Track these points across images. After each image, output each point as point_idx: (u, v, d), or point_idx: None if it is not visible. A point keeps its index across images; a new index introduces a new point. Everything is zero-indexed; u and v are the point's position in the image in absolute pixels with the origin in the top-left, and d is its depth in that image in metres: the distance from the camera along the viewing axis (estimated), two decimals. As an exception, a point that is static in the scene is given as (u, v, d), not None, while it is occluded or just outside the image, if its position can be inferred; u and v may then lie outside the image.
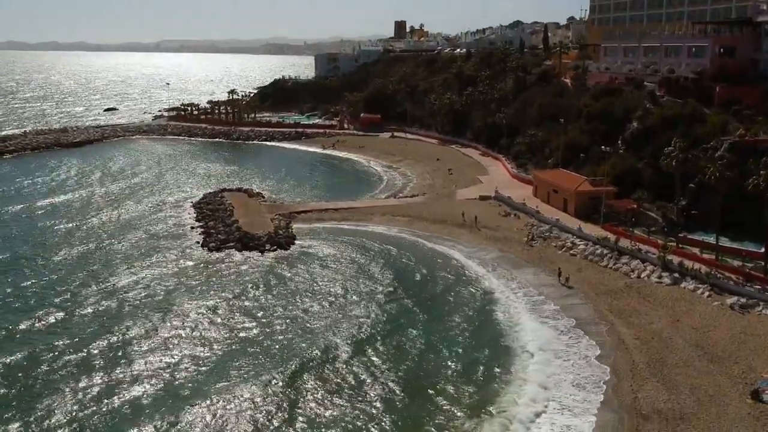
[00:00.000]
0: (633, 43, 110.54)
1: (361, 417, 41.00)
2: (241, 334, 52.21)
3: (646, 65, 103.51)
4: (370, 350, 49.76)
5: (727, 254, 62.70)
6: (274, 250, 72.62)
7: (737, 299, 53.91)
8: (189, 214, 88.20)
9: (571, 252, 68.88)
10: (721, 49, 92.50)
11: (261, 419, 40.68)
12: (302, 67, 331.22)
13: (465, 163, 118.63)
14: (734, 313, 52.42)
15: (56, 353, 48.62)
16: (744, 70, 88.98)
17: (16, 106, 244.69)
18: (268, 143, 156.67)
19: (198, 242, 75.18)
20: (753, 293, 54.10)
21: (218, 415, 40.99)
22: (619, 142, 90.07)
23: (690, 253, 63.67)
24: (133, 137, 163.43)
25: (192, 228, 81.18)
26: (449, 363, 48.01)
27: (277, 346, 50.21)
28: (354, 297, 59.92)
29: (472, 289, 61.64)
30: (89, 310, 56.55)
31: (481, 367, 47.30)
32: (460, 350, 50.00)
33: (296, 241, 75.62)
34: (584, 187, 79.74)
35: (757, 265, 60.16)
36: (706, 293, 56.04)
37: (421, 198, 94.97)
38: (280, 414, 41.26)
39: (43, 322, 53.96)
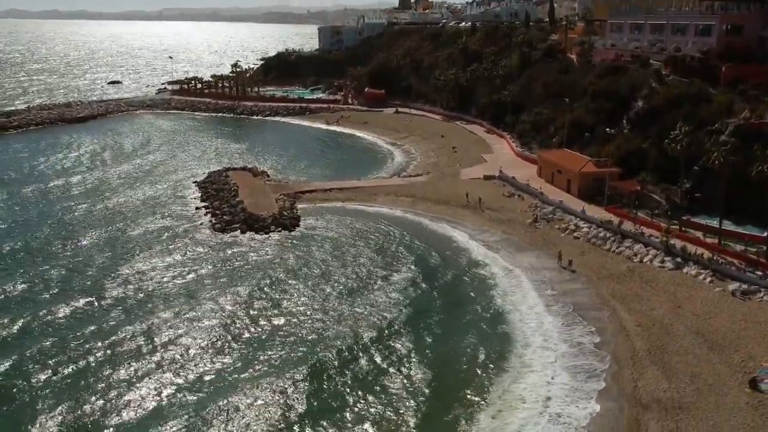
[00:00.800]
0: (639, 19, 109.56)
1: (371, 399, 41.89)
2: (248, 319, 52.90)
3: (652, 43, 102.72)
4: (375, 334, 50.44)
5: (729, 238, 62.96)
6: (279, 232, 73.13)
7: (739, 285, 54.21)
8: (194, 193, 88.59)
9: (574, 235, 69.15)
10: (729, 27, 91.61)
11: (280, 401, 41.63)
12: (306, 37, 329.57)
13: (469, 141, 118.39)
14: (735, 300, 52.77)
15: (82, 340, 49.45)
16: (751, 48, 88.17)
17: (22, 78, 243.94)
18: (272, 118, 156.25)
19: (203, 223, 75.74)
20: (755, 279, 54.38)
21: (240, 400, 41.87)
22: (624, 121, 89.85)
23: (693, 237, 63.92)
24: (137, 112, 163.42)
25: (197, 209, 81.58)
26: (448, 348, 48.77)
27: (283, 331, 50.94)
28: (358, 282, 60.39)
29: (474, 273, 62.11)
30: (99, 297, 56.92)
31: (481, 355, 47.86)
32: (460, 335, 50.59)
33: (301, 223, 76.05)
34: (588, 168, 79.74)
35: (760, 249, 60.49)
36: (708, 279, 56.36)
37: (425, 177, 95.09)
38: (296, 396, 42.13)
39: (65, 310, 54.33)
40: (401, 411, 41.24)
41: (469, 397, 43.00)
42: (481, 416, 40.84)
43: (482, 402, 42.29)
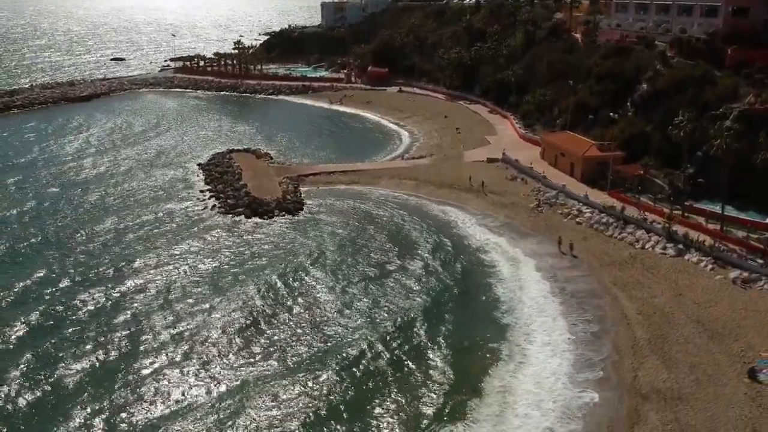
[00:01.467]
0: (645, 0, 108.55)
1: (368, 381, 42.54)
2: (259, 307, 53.48)
3: (657, 24, 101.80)
4: (381, 324, 51.00)
5: (732, 224, 63.13)
6: (283, 216, 73.47)
7: (740, 273, 54.48)
8: (198, 176, 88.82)
9: (577, 220, 69.34)
10: (734, 9, 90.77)
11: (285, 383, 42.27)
12: (311, 11, 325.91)
13: (473, 121, 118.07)
14: (736, 288, 53.11)
15: (98, 326, 50.41)
16: (757, 31, 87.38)
17: (26, 55, 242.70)
18: (275, 97, 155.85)
19: (207, 207, 76.08)
20: (755, 268, 54.64)
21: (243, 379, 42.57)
22: (628, 104, 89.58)
23: (695, 223, 64.09)
24: (140, 90, 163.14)
25: (201, 191, 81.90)
26: (447, 335, 49.31)
27: (292, 320, 51.54)
28: (363, 270, 60.67)
29: (476, 260, 62.39)
30: (111, 286, 57.47)
31: (481, 344, 48.28)
32: (462, 325, 50.96)
33: (305, 207, 76.40)
34: (592, 152, 79.65)
35: (762, 236, 60.70)
36: (709, 266, 56.62)
37: (428, 159, 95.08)
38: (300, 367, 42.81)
39: (80, 297, 55.08)
40: (406, 398, 41.89)
41: (466, 382, 43.52)
42: (482, 405, 41.32)
43: (483, 391, 42.82)
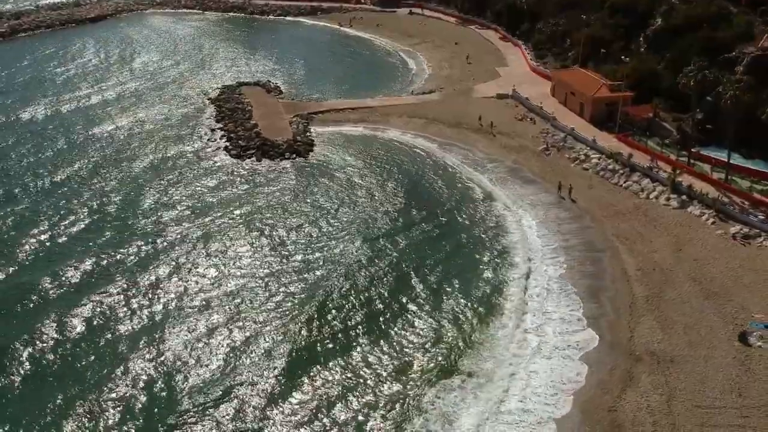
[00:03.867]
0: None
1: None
2: (269, 251, 55.24)
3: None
4: (380, 272, 52.81)
5: (737, 173, 63.90)
6: (294, 159, 74.54)
7: (740, 228, 55.66)
8: (209, 112, 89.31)
9: (583, 166, 70.16)
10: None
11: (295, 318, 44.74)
12: None
13: (484, 50, 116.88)
14: (735, 244, 54.44)
15: (110, 270, 52.46)
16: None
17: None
18: (283, 18, 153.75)
19: (219, 148, 77.00)
20: (756, 223, 55.79)
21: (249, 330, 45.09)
22: (641, 39, 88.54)
23: (699, 172, 64.87)
24: (147, 11, 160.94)
25: (212, 130, 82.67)
26: (449, 290, 50.95)
27: (301, 264, 53.40)
28: (371, 216, 62.18)
29: (481, 210, 63.62)
30: (123, 230, 59.43)
31: (478, 301, 49.74)
32: (460, 279, 52.36)
33: (315, 148, 77.30)
34: (602, 93, 79.44)
35: (765, 187, 61.62)
36: (711, 220, 57.76)
37: (437, 95, 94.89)
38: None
39: (92, 242, 57.20)
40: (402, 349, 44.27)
41: (464, 339, 45.53)
42: (479, 363, 43.52)
43: (475, 346, 44.86)
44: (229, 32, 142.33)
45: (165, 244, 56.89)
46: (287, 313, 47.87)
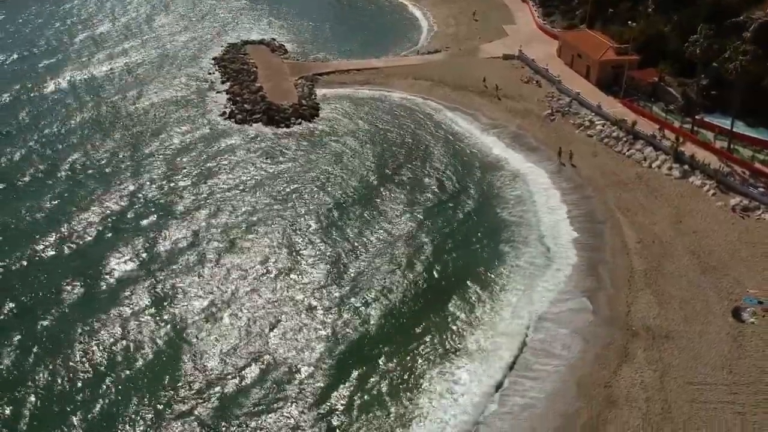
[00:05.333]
0: None
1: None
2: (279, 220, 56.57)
3: None
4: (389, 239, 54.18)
5: (740, 142, 64.21)
6: (299, 124, 74.98)
7: (740, 200, 56.39)
8: (214, 73, 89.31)
9: (588, 132, 70.43)
10: None
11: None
12: None
13: (491, 5, 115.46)
14: (735, 216, 55.18)
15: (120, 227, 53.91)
16: None
17: None
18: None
19: (225, 113, 77.31)
20: (756, 195, 56.43)
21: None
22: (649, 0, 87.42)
23: (702, 140, 65.18)
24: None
25: (218, 93, 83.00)
26: (446, 260, 52.38)
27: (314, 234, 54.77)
28: (377, 179, 63.46)
29: (484, 177, 64.39)
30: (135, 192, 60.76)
31: (477, 275, 50.88)
32: (459, 250, 53.69)
33: (320, 112, 77.67)
34: (608, 56, 78.98)
35: (766, 156, 62.05)
36: (712, 191, 58.40)
37: (443, 55, 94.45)
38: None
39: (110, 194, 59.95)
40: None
41: (466, 315, 46.97)
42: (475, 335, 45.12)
43: (481, 320, 46.49)
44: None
45: (174, 212, 58.09)
46: (289, 288, 49.34)
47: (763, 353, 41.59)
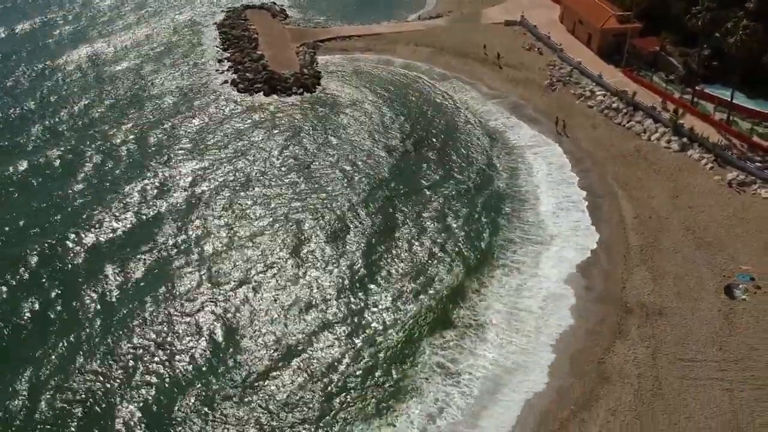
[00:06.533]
0: None
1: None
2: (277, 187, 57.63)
3: None
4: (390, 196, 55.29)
5: (739, 114, 64.57)
6: (301, 93, 75.24)
7: (737, 175, 57.06)
8: (215, 40, 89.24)
9: (588, 103, 70.69)
10: None
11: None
12: None
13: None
14: (731, 191, 55.92)
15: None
16: None
17: None
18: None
19: (227, 81, 77.60)
20: (752, 169, 57.07)
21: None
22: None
23: (702, 112, 65.53)
24: None
25: (219, 61, 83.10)
26: (439, 237, 53.48)
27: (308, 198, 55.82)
28: (379, 149, 64.28)
29: (485, 150, 65.01)
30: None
31: (473, 248, 52.37)
32: (459, 221, 54.91)
33: (322, 81, 77.83)
34: (610, 24, 78.65)
35: (766, 129, 62.49)
36: (709, 165, 59.03)
37: (445, 20, 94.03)
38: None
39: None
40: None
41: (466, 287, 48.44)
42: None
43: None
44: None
45: (179, 186, 59.17)
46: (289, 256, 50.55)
47: (752, 330, 42.86)
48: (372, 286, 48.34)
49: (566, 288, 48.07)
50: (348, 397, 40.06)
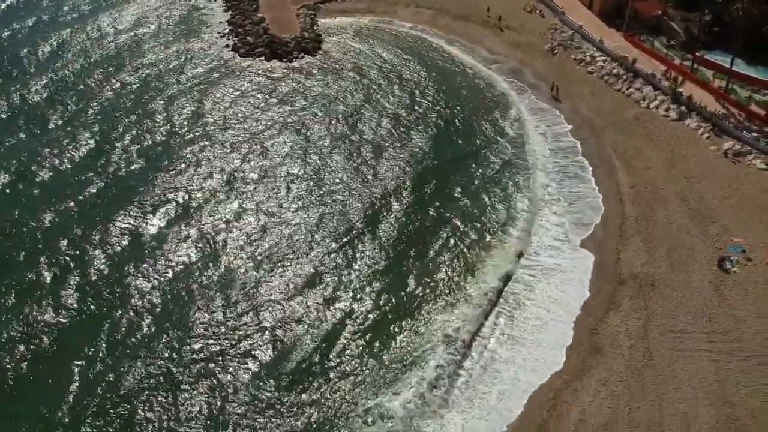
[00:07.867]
0: None
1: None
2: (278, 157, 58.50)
3: None
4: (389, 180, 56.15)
5: (738, 82, 64.92)
6: (302, 57, 75.38)
7: (733, 144, 57.78)
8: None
9: (589, 69, 70.87)
10: None
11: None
12: None
13: None
14: (727, 162, 56.64)
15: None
16: None
17: None
18: None
19: (228, 46, 77.74)
20: (748, 139, 57.75)
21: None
22: None
23: (701, 80, 65.87)
24: None
25: (221, 23, 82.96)
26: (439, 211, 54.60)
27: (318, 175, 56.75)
28: (379, 116, 64.94)
29: (484, 116, 65.42)
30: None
31: (473, 226, 53.67)
32: (456, 193, 55.77)
33: (322, 45, 77.84)
34: (612, -14, 78.39)
35: (764, 97, 62.94)
36: (706, 135, 59.73)
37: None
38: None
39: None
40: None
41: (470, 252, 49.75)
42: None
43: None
44: None
45: (181, 153, 60.02)
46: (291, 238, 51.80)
47: (741, 303, 44.18)
48: (375, 251, 49.62)
49: (562, 259, 49.43)
50: (356, 368, 41.71)
